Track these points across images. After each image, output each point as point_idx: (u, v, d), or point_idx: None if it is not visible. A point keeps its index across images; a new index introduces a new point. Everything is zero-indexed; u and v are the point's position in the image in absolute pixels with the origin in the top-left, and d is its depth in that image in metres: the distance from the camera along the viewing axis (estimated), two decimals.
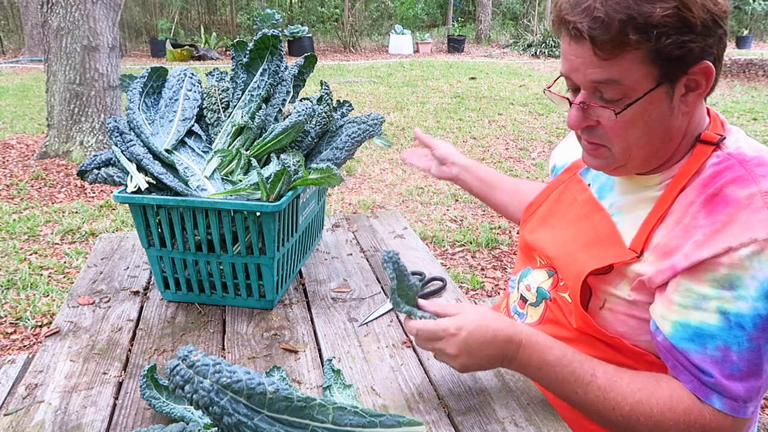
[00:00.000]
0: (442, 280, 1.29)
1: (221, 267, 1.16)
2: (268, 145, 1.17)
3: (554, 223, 1.04)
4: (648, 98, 0.80)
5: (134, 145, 1.12)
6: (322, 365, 1.01)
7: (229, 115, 1.24)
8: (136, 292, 1.26)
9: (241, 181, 1.14)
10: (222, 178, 1.14)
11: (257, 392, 0.60)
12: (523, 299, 1.07)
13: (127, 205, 1.32)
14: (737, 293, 0.76)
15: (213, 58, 12.07)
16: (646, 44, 0.76)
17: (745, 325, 0.76)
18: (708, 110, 0.91)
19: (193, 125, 1.23)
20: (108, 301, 1.22)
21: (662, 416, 0.81)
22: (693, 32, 0.76)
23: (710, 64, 0.79)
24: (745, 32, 15.25)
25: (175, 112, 1.22)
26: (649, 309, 0.86)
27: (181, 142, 1.20)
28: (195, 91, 1.27)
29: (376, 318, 1.16)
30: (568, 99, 0.88)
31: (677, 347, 0.81)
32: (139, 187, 1.10)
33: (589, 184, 1.03)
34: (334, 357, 1.03)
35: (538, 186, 1.28)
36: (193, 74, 1.30)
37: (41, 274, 2.92)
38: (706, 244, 0.78)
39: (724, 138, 0.85)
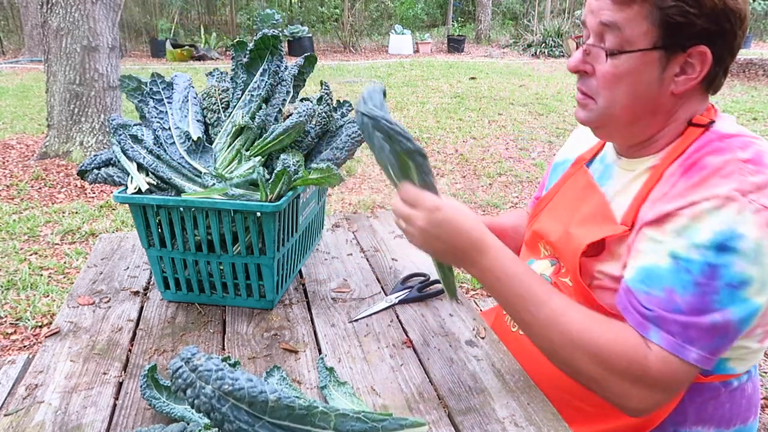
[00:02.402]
0: None
1: (221, 267, 1.16)
2: (269, 145, 1.17)
3: (558, 212, 1.08)
4: (641, 57, 0.84)
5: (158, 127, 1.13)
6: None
7: (229, 115, 1.24)
8: (136, 293, 1.26)
9: (243, 177, 1.14)
10: (221, 176, 1.14)
11: (259, 400, 0.60)
12: None
13: (127, 205, 1.32)
14: (691, 241, 0.78)
15: (213, 58, 12.07)
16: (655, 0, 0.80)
17: (693, 271, 0.78)
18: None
19: (203, 131, 1.23)
20: (108, 301, 1.22)
21: (607, 348, 0.81)
22: (699, 9, 0.80)
23: (708, 50, 0.82)
24: None
25: (187, 110, 1.24)
26: None
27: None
28: (199, 99, 1.29)
29: (369, 315, 1.16)
30: (577, 44, 0.93)
31: (631, 288, 0.83)
32: (139, 188, 1.10)
33: (592, 174, 1.06)
34: (325, 355, 1.03)
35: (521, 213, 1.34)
36: (193, 86, 1.31)
37: (41, 275, 2.92)
38: (674, 199, 0.82)
39: (713, 122, 0.88)
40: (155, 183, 1.12)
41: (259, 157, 1.18)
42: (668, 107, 0.88)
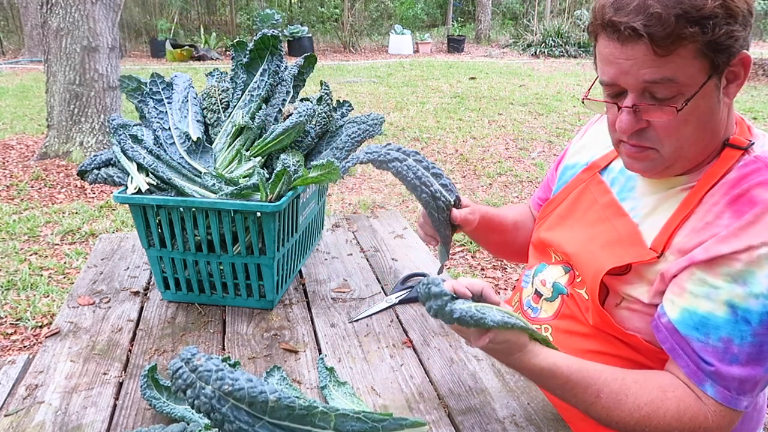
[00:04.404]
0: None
1: (221, 267, 1.16)
2: (269, 145, 1.17)
3: (573, 223, 1.04)
4: (701, 92, 0.80)
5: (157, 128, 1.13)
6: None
7: (229, 116, 1.24)
8: (136, 293, 1.26)
9: (245, 177, 1.14)
10: (221, 176, 1.14)
11: (259, 400, 0.60)
12: (538, 294, 1.07)
13: (127, 205, 1.32)
14: (749, 289, 0.77)
15: (213, 59, 12.06)
16: (701, 36, 0.76)
17: (752, 321, 0.77)
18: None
19: (203, 131, 1.23)
20: (108, 301, 1.22)
21: (669, 427, 0.82)
22: (737, 22, 0.77)
23: (748, 54, 0.81)
24: None
25: (187, 110, 1.24)
26: None
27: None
28: (199, 99, 1.29)
29: (369, 315, 1.16)
30: (616, 104, 0.85)
31: (681, 332, 0.82)
32: (139, 188, 1.10)
33: (610, 186, 1.01)
34: (326, 355, 1.03)
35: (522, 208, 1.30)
36: (193, 86, 1.31)
37: (41, 275, 2.92)
38: (728, 240, 0.79)
39: (753, 143, 0.86)
40: (155, 183, 1.12)
41: (259, 158, 1.18)
42: (723, 120, 0.86)
